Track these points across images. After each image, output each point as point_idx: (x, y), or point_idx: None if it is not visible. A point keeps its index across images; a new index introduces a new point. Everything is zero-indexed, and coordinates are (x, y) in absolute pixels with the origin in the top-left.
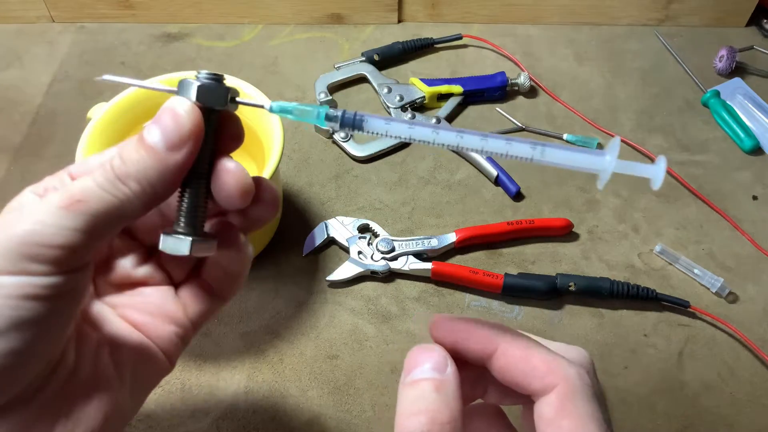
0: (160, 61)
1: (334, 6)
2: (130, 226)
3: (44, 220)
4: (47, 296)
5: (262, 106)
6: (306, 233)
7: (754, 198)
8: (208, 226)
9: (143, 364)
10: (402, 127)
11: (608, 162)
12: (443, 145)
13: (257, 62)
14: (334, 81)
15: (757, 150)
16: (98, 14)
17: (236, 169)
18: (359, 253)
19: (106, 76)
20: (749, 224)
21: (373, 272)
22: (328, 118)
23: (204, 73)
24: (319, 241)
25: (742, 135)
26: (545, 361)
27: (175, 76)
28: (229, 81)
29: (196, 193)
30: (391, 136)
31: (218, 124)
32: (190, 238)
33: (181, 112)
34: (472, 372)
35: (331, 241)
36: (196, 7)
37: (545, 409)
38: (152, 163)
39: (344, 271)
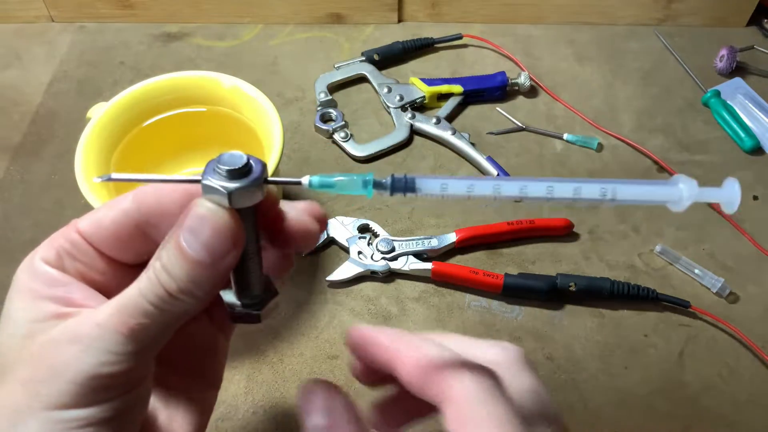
0: (160, 60)
1: (334, 6)
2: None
3: (108, 348)
4: (116, 416)
5: (299, 183)
6: None
7: (755, 198)
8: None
9: None
10: (460, 187)
11: (683, 190)
12: (505, 197)
13: (257, 62)
14: (334, 81)
15: (757, 150)
16: (98, 14)
17: (302, 225)
18: (359, 253)
19: (115, 175)
20: (750, 224)
21: (373, 272)
22: (377, 186)
23: (225, 169)
24: (319, 241)
25: (742, 135)
26: (438, 369)
27: (175, 76)
28: (229, 81)
29: (251, 267)
30: (447, 197)
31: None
32: (259, 312)
33: (220, 223)
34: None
35: (331, 241)
36: (195, 6)
37: (445, 422)
38: (202, 274)
39: (344, 271)
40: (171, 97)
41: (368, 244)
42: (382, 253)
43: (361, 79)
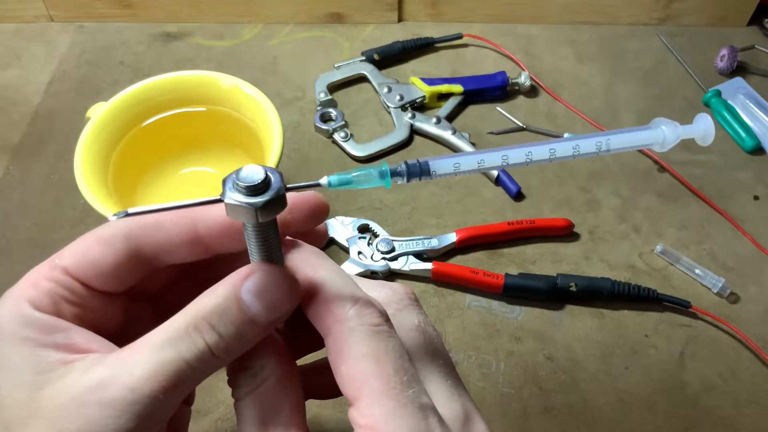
0: (159, 60)
1: (334, 5)
2: None
3: (142, 413)
4: None
5: (318, 185)
6: None
7: (756, 198)
8: None
9: None
10: (471, 162)
11: (666, 132)
12: (512, 164)
13: (257, 62)
14: (333, 80)
15: (758, 150)
16: (97, 13)
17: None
18: (359, 253)
19: (132, 210)
20: (751, 224)
21: (373, 272)
22: (394, 174)
23: (246, 185)
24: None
25: (743, 135)
26: (324, 303)
27: (175, 76)
28: (228, 80)
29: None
30: (460, 174)
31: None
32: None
33: (284, 286)
34: None
35: (330, 241)
36: (195, 6)
37: (328, 355)
38: (256, 335)
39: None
40: (170, 96)
41: (368, 244)
42: (382, 253)
43: (361, 79)
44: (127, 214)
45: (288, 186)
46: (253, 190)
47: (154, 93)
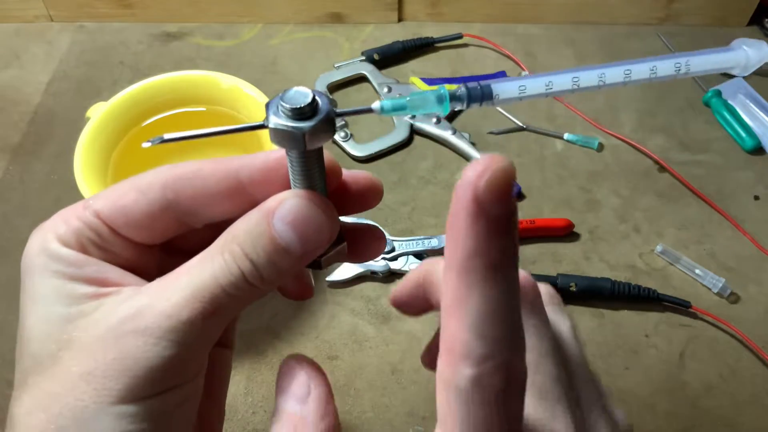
0: (159, 60)
1: (334, 5)
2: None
3: (180, 340)
4: (180, 404)
5: (370, 111)
6: None
7: (756, 198)
8: None
9: None
10: (538, 84)
11: (748, 53)
12: (583, 88)
13: (256, 62)
14: (333, 80)
15: (758, 150)
16: (97, 13)
17: (367, 182)
18: None
19: (167, 135)
20: (751, 224)
21: (373, 272)
22: (454, 98)
23: (291, 108)
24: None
25: (743, 135)
26: (443, 347)
27: (175, 76)
28: (228, 80)
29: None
30: (526, 98)
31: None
32: (321, 259)
33: (317, 215)
34: None
35: None
36: (195, 6)
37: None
38: (290, 265)
39: (344, 271)
40: (170, 96)
41: None
42: (382, 253)
43: (361, 79)
44: (163, 140)
45: (337, 111)
46: (300, 113)
47: (153, 93)
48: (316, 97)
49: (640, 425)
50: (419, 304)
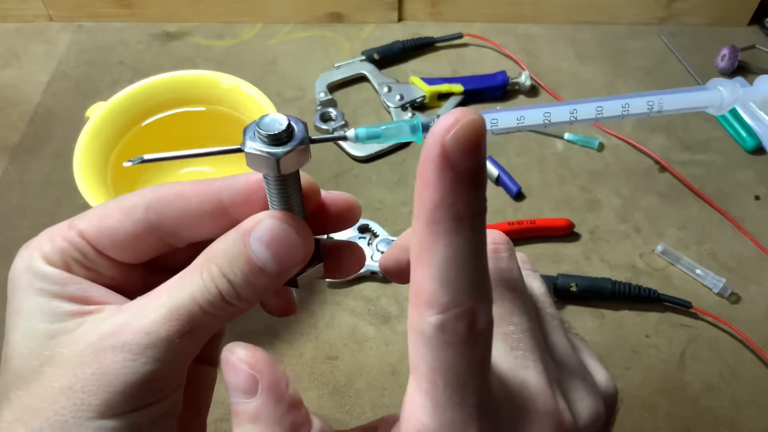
0: (159, 60)
1: (334, 5)
2: None
3: (158, 357)
4: (157, 420)
5: (345, 138)
6: None
7: (757, 198)
8: None
9: None
10: (509, 119)
11: (723, 93)
12: (555, 123)
13: (256, 61)
14: (333, 80)
15: (759, 150)
16: (97, 13)
17: (344, 202)
18: None
19: (147, 156)
20: (751, 224)
21: (373, 273)
22: (426, 129)
23: (267, 134)
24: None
25: (744, 134)
26: (413, 296)
27: (174, 75)
28: (228, 80)
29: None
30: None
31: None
32: (297, 278)
33: (292, 236)
34: None
35: None
36: (194, 5)
37: None
38: (266, 284)
39: None
40: (170, 96)
41: (368, 244)
42: (382, 253)
43: (361, 79)
44: (143, 160)
45: (312, 138)
46: (275, 139)
47: (153, 93)
48: (292, 124)
49: (640, 425)
50: (406, 269)
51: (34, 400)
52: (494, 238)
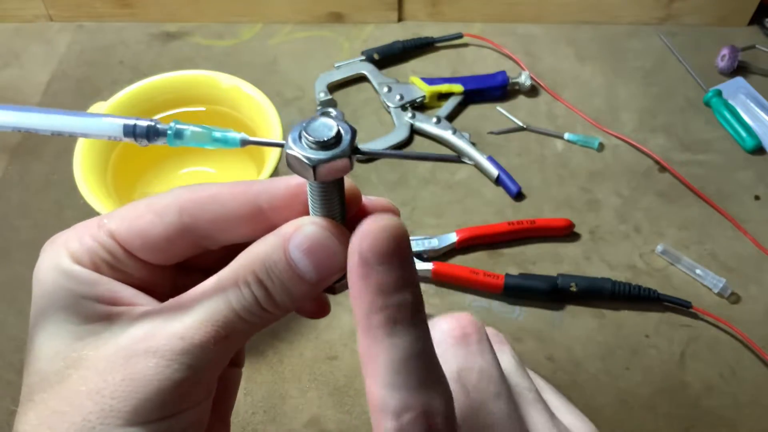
0: (159, 60)
1: (334, 5)
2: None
3: (192, 363)
4: (187, 428)
5: (278, 144)
6: None
7: (757, 198)
8: None
9: None
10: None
11: None
12: None
13: (256, 61)
14: (333, 80)
15: (759, 150)
16: (97, 13)
17: (385, 207)
18: None
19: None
20: (751, 224)
21: None
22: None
23: (312, 140)
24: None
25: (744, 134)
26: (372, 404)
27: (174, 75)
28: (228, 80)
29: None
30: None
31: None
32: (335, 285)
33: (334, 246)
34: None
35: None
36: (194, 5)
37: None
38: (305, 292)
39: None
40: (170, 96)
41: None
42: None
43: (361, 79)
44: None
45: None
46: (319, 145)
47: (153, 93)
48: (341, 131)
49: (640, 425)
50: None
51: (60, 403)
52: (462, 323)
